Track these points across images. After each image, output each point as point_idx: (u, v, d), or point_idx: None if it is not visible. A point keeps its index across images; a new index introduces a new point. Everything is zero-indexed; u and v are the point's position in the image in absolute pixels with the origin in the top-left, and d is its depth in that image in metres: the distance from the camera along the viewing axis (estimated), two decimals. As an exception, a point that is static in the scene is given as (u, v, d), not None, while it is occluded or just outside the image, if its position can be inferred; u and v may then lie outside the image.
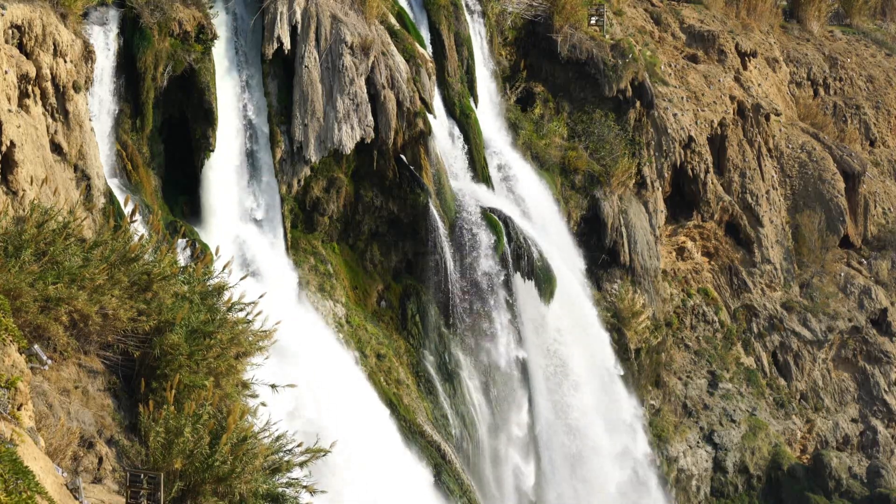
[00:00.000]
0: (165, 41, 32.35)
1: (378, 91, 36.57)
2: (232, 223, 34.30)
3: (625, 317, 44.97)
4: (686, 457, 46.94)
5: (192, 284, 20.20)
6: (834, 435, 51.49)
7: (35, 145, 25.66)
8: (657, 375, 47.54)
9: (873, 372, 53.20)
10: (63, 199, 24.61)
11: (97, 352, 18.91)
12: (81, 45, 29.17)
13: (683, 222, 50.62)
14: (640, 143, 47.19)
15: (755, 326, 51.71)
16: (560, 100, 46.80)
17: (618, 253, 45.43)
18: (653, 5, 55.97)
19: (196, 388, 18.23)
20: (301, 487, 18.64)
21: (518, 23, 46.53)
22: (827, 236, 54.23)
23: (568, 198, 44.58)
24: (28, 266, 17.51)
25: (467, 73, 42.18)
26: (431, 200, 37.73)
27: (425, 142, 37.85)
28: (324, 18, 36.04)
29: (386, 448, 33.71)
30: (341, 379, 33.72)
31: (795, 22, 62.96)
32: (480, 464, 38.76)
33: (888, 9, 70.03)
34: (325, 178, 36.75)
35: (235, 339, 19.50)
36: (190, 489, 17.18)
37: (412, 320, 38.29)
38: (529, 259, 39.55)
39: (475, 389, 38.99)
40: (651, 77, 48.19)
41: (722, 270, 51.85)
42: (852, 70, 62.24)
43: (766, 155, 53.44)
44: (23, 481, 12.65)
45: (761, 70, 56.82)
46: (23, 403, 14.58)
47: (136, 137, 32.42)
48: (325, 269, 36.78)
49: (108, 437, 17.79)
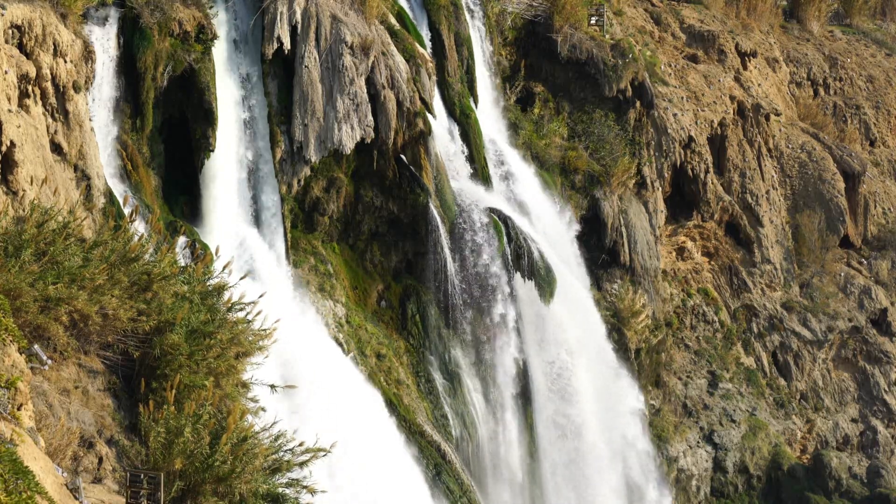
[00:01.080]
0: (165, 41, 32.34)
1: (378, 91, 36.57)
2: (232, 223, 34.28)
3: (625, 317, 44.97)
4: (686, 457, 46.94)
5: (192, 284, 20.19)
6: (834, 435, 51.49)
7: (35, 145, 25.66)
8: (657, 375, 47.54)
9: (873, 372, 53.20)
10: (63, 199, 24.60)
11: (97, 352, 18.90)
12: (81, 45, 29.17)
13: (683, 222, 50.62)
14: (640, 143, 47.19)
15: (755, 326, 51.71)
16: (560, 100, 46.80)
17: (618, 253, 45.44)
18: (653, 5, 55.97)
19: (196, 388, 18.22)
20: (301, 487, 18.64)
21: (518, 23, 46.53)
22: (827, 236, 54.22)
23: (568, 198, 44.59)
24: (28, 266, 17.51)
25: (467, 73, 42.18)
26: (431, 200, 37.73)
27: (425, 142, 37.85)
28: (324, 18, 36.04)
29: (386, 448, 33.69)
30: (341, 379, 33.71)
31: (795, 22, 62.97)
32: (480, 464, 38.75)
33: (888, 9, 70.03)
34: (325, 178, 36.75)
35: (235, 339, 19.49)
36: (190, 489, 17.17)
37: (412, 320, 38.28)
38: (529, 259, 39.55)
39: (475, 389, 38.99)
40: (651, 77, 48.19)
41: (722, 270, 51.85)
42: (852, 70, 62.24)
43: (766, 155, 53.44)
44: (23, 481, 12.65)
45: (761, 70, 56.82)
46: (23, 403, 14.57)
47: (136, 137, 32.41)
48: (325, 269, 36.78)
49: (108, 437, 17.78)
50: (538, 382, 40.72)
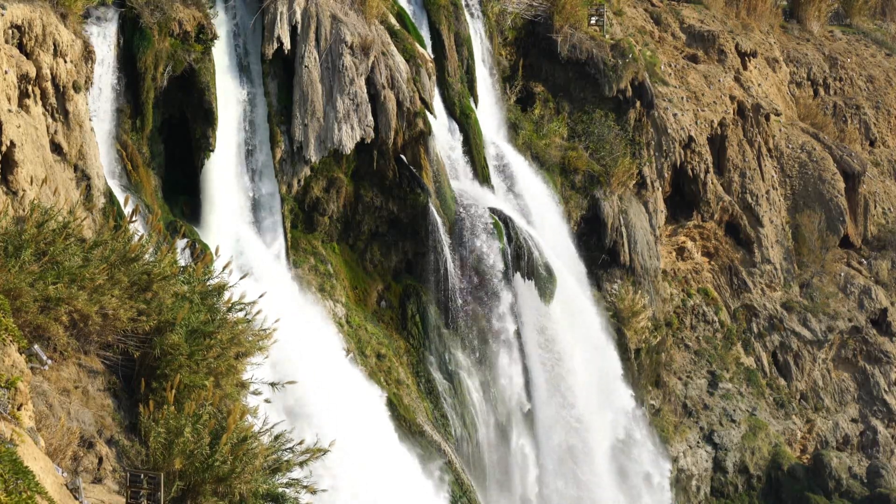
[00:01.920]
0: (165, 41, 32.34)
1: (378, 91, 36.57)
2: (232, 223, 34.28)
3: (625, 317, 44.97)
4: (686, 457, 46.94)
5: (192, 284, 20.19)
6: (834, 435, 51.49)
7: (35, 145, 25.66)
8: (657, 375, 47.54)
9: (873, 372, 53.20)
10: (63, 199, 24.60)
11: (97, 352, 18.90)
12: (81, 45, 29.16)
13: (683, 222, 50.62)
14: (640, 143, 47.19)
15: (755, 326, 51.71)
16: (560, 100, 46.80)
17: (618, 253, 45.44)
18: (653, 5, 55.97)
19: (196, 388, 18.22)
20: (301, 487, 18.64)
21: (518, 23, 46.53)
22: (827, 236, 54.22)
23: (568, 198, 44.59)
24: (28, 266, 17.50)
25: (467, 73, 42.18)
26: (431, 200, 37.74)
27: (425, 142, 37.86)
28: (324, 18, 36.04)
29: (385, 448, 33.69)
30: (340, 379, 33.71)
31: (795, 22, 62.96)
32: (481, 464, 38.75)
33: (888, 9, 70.03)
34: (325, 178, 36.76)
35: (235, 339, 19.49)
36: (190, 489, 17.17)
37: (412, 320, 38.29)
38: (530, 259, 39.56)
39: (475, 389, 38.98)
40: (651, 77, 48.19)
41: (722, 270, 51.85)
42: (852, 70, 62.24)
43: (766, 155, 53.44)
44: (23, 481, 12.65)
45: (761, 70, 56.82)
46: (23, 403, 14.57)
47: (136, 137, 32.41)
48: (325, 269, 36.78)
49: (108, 437, 17.78)
50: (538, 382, 40.72)
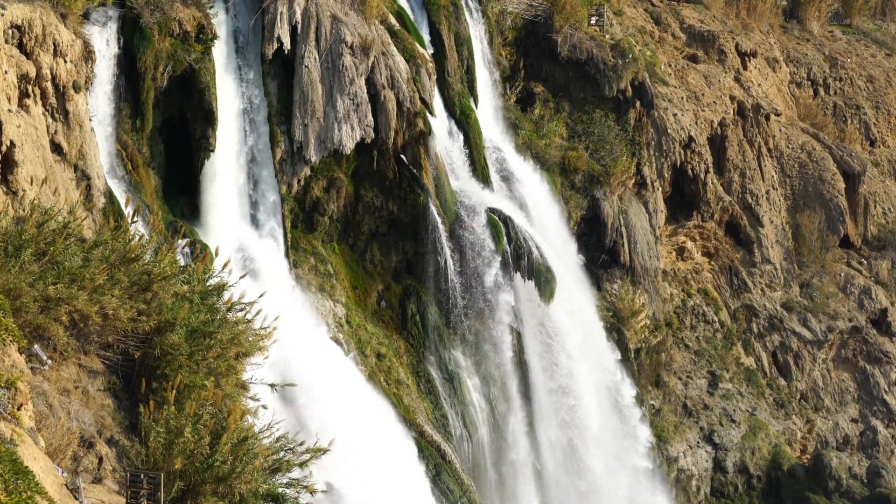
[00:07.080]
0: (165, 41, 32.35)
1: (378, 91, 36.57)
2: (232, 223, 34.29)
3: (624, 317, 44.97)
4: (686, 457, 46.94)
5: (192, 284, 20.17)
6: (834, 435, 51.49)
7: (35, 145, 25.65)
8: (657, 375, 47.54)
9: (873, 372, 53.19)
10: (63, 199, 24.59)
11: (97, 352, 18.89)
12: (81, 45, 29.17)
13: (683, 222, 50.61)
14: (640, 143, 47.19)
15: (755, 326, 51.70)
16: (560, 100, 46.80)
17: (618, 253, 45.43)
18: (653, 5, 55.96)
19: (196, 388, 18.20)
20: (301, 487, 18.62)
21: (518, 23, 46.53)
22: (827, 236, 54.22)
23: (568, 198, 44.58)
24: (28, 266, 17.49)
25: (467, 73, 42.18)
26: (431, 200, 37.73)
27: (425, 142, 37.86)
28: (324, 18, 36.04)
29: (385, 448, 33.70)
30: (340, 378, 33.72)
31: (795, 22, 62.95)
32: (480, 464, 38.75)
33: (888, 9, 70.02)
34: (325, 178, 36.75)
35: (235, 339, 19.46)
36: (190, 489, 17.16)
37: (412, 320, 38.29)
38: (529, 259, 39.55)
39: (475, 389, 38.99)
40: (651, 77, 48.19)
41: (722, 270, 51.84)
42: (852, 70, 62.23)
43: (766, 155, 53.43)
44: (23, 481, 12.64)
45: (761, 70, 56.82)
46: (23, 403, 14.57)
47: (136, 137, 32.41)
48: (325, 269, 36.78)
49: (108, 437, 17.77)
50: (538, 382, 40.72)
